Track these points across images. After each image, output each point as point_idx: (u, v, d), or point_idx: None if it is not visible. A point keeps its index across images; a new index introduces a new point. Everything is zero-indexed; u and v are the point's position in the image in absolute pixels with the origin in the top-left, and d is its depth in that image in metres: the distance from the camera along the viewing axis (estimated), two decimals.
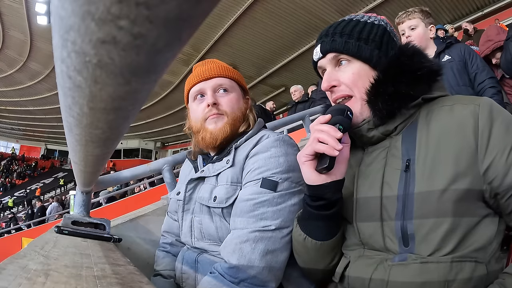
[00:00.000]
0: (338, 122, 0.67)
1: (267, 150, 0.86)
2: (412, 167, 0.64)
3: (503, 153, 0.60)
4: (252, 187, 0.82)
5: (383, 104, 0.68)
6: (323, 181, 0.68)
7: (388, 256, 0.65)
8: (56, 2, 0.16)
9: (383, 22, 0.75)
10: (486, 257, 0.60)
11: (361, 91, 0.71)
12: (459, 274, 0.58)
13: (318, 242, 0.73)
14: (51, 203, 10.95)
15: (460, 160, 0.61)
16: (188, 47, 10.12)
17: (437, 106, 0.68)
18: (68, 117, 0.29)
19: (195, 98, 0.97)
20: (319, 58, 0.77)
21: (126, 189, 8.56)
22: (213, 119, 0.93)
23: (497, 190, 0.60)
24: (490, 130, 0.61)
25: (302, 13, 8.35)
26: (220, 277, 0.76)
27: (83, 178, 0.72)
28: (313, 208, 0.71)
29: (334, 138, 0.65)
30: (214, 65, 0.97)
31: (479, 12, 7.91)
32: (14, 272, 0.39)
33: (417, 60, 0.70)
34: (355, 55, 0.72)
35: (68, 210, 7.78)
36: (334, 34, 0.74)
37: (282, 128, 3.79)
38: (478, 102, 0.65)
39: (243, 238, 0.78)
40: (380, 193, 0.67)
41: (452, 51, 1.83)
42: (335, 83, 0.73)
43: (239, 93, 0.98)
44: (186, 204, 0.96)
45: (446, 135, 0.64)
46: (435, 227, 0.60)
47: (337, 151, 0.64)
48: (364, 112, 0.71)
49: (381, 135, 0.71)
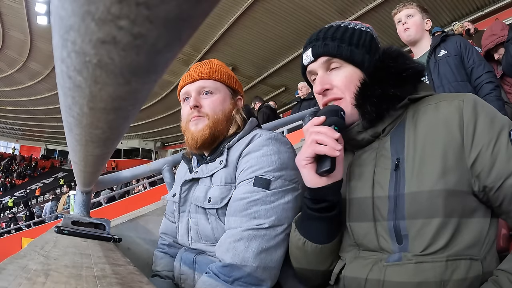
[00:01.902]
0: (333, 123, 0.67)
1: (259, 149, 0.86)
2: (402, 165, 0.65)
3: (488, 146, 0.61)
4: (245, 186, 0.83)
5: (372, 107, 0.69)
6: (325, 183, 0.68)
7: (383, 256, 0.65)
8: (56, 2, 0.16)
9: (369, 29, 0.78)
10: (480, 254, 0.61)
11: (352, 95, 0.72)
12: (454, 273, 0.58)
13: (319, 245, 0.72)
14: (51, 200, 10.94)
15: (447, 155, 0.62)
16: (188, 47, 10.12)
17: (423, 105, 0.70)
18: (68, 117, 0.29)
19: (183, 99, 1.00)
20: (310, 62, 0.77)
21: (126, 189, 8.55)
22: (194, 121, 0.94)
23: (485, 183, 0.61)
24: (475, 124, 0.63)
25: (302, 13, 8.35)
26: (214, 276, 0.76)
27: (83, 178, 0.72)
28: (314, 210, 0.71)
29: (332, 139, 0.65)
30: (202, 68, 0.98)
31: (479, 12, 7.89)
32: (14, 272, 0.39)
33: (401, 62, 0.72)
34: (348, 59, 0.73)
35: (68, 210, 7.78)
36: (325, 38, 0.75)
37: (282, 128, 3.79)
38: (462, 98, 0.66)
39: (236, 236, 0.78)
40: (372, 193, 0.68)
41: (447, 44, 1.79)
42: (328, 86, 0.74)
43: (225, 94, 0.98)
44: (181, 205, 0.96)
45: (433, 132, 0.65)
46: (427, 222, 0.61)
47: (338, 152, 0.64)
48: (354, 114, 0.73)
49: (370, 137, 0.73)
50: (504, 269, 0.59)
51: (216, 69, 0.98)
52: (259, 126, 1.02)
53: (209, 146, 0.95)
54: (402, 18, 1.78)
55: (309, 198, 0.72)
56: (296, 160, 0.73)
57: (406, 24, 1.76)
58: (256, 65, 11.14)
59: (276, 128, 2.61)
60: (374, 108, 0.69)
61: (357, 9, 8.04)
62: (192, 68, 1.00)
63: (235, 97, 1.01)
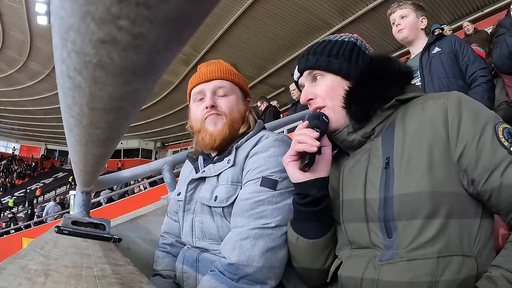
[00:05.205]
0: (315, 126, 0.74)
1: (266, 149, 0.87)
2: (391, 164, 0.68)
3: (473, 140, 0.63)
4: (252, 186, 0.84)
5: (357, 107, 0.74)
6: (307, 178, 0.73)
7: (375, 252, 0.67)
8: (56, 2, 0.16)
9: (353, 38, 0.83)
10: (473, 251, 0.61)
11: (334, 100, 0.77)
12: (446, 270, 0.59)
13: (310, 240, 0.76)
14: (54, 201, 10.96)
15: (433, 153, 0.64)
16: (188, 47, 10.12)
17: (412, 106, 0.73)
18: (68, 117, 0.29)
19: (196, 99, 0.99)
20: (298, 77, 0.85)
21: (126, 189, 8.56)
22: (212, 119, 0.94)
23: (473, 176, 0.62)
24: (459, 120, 0.65)
25: (302, 13, 8.35)
26: (220, 274, 0.76)
27: (83, 178, 0.72)
28: (301, 205, 0.75)
29: (311, 137, 0.71)
30: (216, 67, 0.98)
31: (479, 12, 7.90)
32: (14, 272, 0.39)
33: (386, 65, 0.76)
34: (326, 69, 0.79)
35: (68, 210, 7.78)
36: (308, 54, 0.83)
37: (282, 128, 3.79)
38: (447, 96, 0.69)
39: (243, 235, 0.79)
40: (364, 191, 0.71)
41: (442, 43, 1.79)
42: (311, 96, 0.80)
43: (238, 95, 0.99)
44: (187, 204, 0.97)
45: (420, 130, 0.68)
46: (415, 215, 0.63)
47: (315, 147, 0.70)
48: (340, 119, 0.77)
49: (361, 138, 0.76)
50: (497, 264, 0.59)
51: (229, 70, 0.99)
52: (264, 128, 1.03)
53: (226, 145, 0.95)
54: (396, 19, 1.79)
55: (296, 194, 0.77)
56: (282, 160, 0.79)
57: (400, 25, 1.77)
58: (256, 65, 11.15)
59: (276, 128, 2.61)
60: (359, 108, 0.73)
61: (357, 9, 8.04)
62: (203, 68, 1.00)
63: (245, 98, 1.03)
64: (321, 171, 0.74)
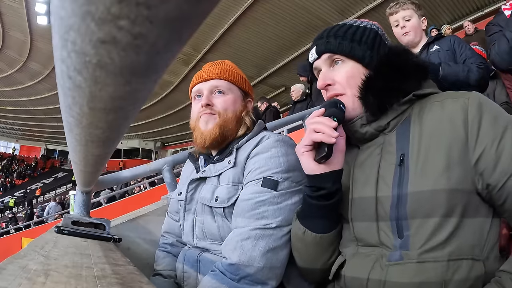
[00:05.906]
0: (332, 114, 0.70)
1: (267, 150, 0.87)
2: (406, 161, 0.66)
3: (492, 144, 0.61)
4: (253, 187, 0.84)
5: (374, 99, 0.71)
6: (323, 170, 0.70)
7: (383, 251, 0.65)
8: (56, 2, 0.16)
9: (375, 26, 0.79)
10: (482, 254, 0.60)
11: (353, 89, 0.74)
12: (456, 273, 0.58)
13: (318, 235, 0.74)
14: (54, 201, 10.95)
15: (451, 152, 0.62)
16: (188, 47, 10.11)
17: (429, 102, 0.70)
18: (68, 117, 0.29)
19: (195, 97, 1.01)
20: (314, 59, 0.80)
21: (126, 189, 8.55)
22: (204, 118, 0.95)
23: (489, 181, 0.61)
24: (480, 122, 0.63)
25: (302, 13, 8.34)
26: (220, 274, 0.76)
27: (83, 178, 0.72)
28: (313, 198, 0.73)
29: (329, 127, 0.67)
30: (215, 67, 0.99)
31: (479, 12, 7.89)
32: (14, 272, 0.39)
33: (404, 58, 0.74)
34: (349, 55, 0.75)
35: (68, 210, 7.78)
36: (328, 36, 0.77)
37: (282, 128, 3.79)
38: (467, 96, 0.66)
39: (244, 235, 0.79)
40: (376, 188, 0.69)
41: (441, 42, 1.79)
42: (330, 81, 0.76)
43: (237, 95, 0.99)
44: (187, 204, 0.97)
45: (438, 129, 0.66)
46: (429, 217, 0.61)
47: (333, 139, 0.66)
48: (356, 108, 0.74)
49: (374, 131, 0.73)
50: (507, 270, 0.59)
51: (229, 70, 1.00)
52: (265, 128, 1.03)
53: (217, 145, 0.96)
54: (399, 21, 1.77)
55: (308, 186, 0.73)
56: (296, 149, 0.75)
57: (405, 28, 1.75)
58: (256, 65, 11.13)
59: (276, 128, 2.61)
60: (376, 100, 0.70)
61: (357, 9, 8.04)
62: (205, 67, 1.01)
63: (246, 99, 1.02)
64: (335, 164, 0.70)
